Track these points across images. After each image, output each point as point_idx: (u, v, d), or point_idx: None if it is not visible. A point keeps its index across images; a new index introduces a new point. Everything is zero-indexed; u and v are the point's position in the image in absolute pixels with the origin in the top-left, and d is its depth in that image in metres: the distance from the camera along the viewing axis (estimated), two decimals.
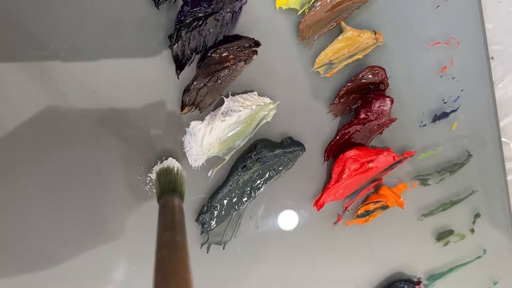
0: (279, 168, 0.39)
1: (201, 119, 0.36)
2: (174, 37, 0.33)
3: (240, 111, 0.36)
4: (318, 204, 0.41)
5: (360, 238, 0.44)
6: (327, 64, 0.38)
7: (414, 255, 0.46)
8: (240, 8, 0.35)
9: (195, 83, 0.35)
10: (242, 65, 0.35)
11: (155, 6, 0.33)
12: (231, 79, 0.36)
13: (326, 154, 0.41)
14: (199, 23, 0.33)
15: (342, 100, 0.40)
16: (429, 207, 0.46)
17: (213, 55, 0.34)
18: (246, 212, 0.39)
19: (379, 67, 0.39)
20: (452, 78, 0.43)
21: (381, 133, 0.42)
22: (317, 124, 0.40)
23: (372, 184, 0.43)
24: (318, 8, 0.36)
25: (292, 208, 0.41)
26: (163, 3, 0.33)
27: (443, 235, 0.46)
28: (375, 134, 0.41)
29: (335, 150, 0.41)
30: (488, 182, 0.46)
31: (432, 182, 0.45)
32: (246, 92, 0.37)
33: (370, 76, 0.40)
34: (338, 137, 0.41)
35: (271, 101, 0.37)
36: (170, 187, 0.31)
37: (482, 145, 0.45)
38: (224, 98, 0.36)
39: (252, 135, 0.38)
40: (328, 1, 0.36)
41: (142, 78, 0.35)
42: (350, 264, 0.44)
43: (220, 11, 0.34)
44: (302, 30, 0.37)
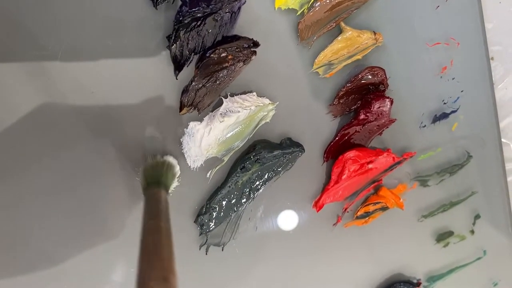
0: (278, 169, 0.39)
1: (199, 120, 0.36)
2: (173, 37, 0.33)
3: (239, 111, 0.36)
4: (318, 205, 0.41)
5: (359, 240, 0.44)
6: (326, 64, 0.38)
7: (413, 256, 0.46)
8: (239, 8, 0.35)
9: (193, 83, 0.34)
10: (241, 65, 0.35)
11: (153, 6, 0.33)
12: (230, 80, 0.36)
13: (325, 155, 0.41)
14: (198, 24, 0.33)
15: (341, 101, 0.40)
16: (429, 208, 0.45)
17: (211, 55, 0.34)
18: (245, 213, 0.39)
19: (378, 67, 0.39)
20: (452, 79, 0.43)
21: (380, 134, 0.42)
22: (316, 125, 0.40)
23: (372, 185, 0.42)
24: (317, 8, 0.36)
25: (291, 209, 0.41)
26: (161, 3, 0.33)
27: (443, 236, 0.46)
28: (374, 135, 0.41)
29: (334, 151, 0.41)
30: (488, 183, 0.46)
31: (432, 183, 0.45)
32: (245, 92, 0.37)
33: (370, 77, 0.39)
34: (337, 138, 0.40)
35: (270, 101, 0.37)
36: (155, 179, 0.32)
37: (482, 146, 0.45)
38: (223, 98, 0.36)
39: (251, 136, 0.38)
40: (328, 1, 0.36)
41: (140, 79, 0.34)
42: (349, 266, 0.44)
43: (218, 11, 0.34)
44: (301, 31, 0.37)
